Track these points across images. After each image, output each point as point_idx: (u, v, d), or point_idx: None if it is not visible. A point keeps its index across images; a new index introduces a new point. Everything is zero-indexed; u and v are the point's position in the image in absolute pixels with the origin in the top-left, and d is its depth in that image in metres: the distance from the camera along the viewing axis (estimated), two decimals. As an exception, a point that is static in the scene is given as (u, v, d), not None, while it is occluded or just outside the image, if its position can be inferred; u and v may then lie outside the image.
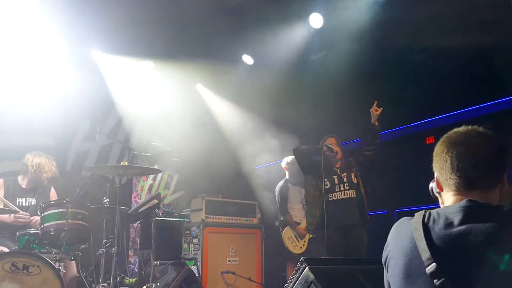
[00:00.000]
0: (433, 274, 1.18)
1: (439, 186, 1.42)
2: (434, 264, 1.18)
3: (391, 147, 5.61)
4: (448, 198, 1.37)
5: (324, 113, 5.88)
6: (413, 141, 5.95)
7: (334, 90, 5.81)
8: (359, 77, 5.69)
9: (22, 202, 4.43)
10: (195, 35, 5.98)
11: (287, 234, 5.42)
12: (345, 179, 4.52)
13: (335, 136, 4.70)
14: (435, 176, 1.43)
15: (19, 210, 4.19)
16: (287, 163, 5.76)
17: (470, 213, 1.23)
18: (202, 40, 6.05)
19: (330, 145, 4.53)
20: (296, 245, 5.41)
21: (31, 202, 4.47)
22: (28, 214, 4.23)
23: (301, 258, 2.02)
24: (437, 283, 1.17)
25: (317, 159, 4.50)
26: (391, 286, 1.37)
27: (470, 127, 1.40)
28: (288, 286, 2.04)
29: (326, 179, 4.55)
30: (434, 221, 1.27)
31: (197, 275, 5.06)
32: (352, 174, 4.54)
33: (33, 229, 3.92)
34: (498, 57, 4.90)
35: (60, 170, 4.81)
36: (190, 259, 5.36)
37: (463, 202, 1.27)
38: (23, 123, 5.91)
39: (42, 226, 3.77)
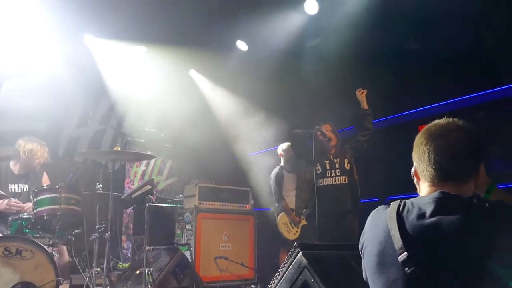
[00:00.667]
0: (405, 263, 1.22)
1: (416, 175, 1.45)
2: (405, 253, 1.22)
3: (383, 135, 5.63)
4: (423, 188, 1.41)
5: (319, 100, 5.88)
6: (406, 129, 5.98)
7: (329, 77, 5.80)
8: (354, 64, 5.69)
9: (14, 188, 4.40)
10: (188, 20, 5.92)
11: (282, 220, 5.45)
12: (337, 165, 4.55)
13: (331, 123, 4.71)
14: (414, 165, 1.46)
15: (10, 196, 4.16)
16: (283, 150, 5.76)
17: (441, 204, 1.26)
18: (196, 25, 5.99)
19: (323, 130, 4.54)
20: (290, 231, 5.44)
21: (23, 189, 4.44)
22: (20, 202, 4.21)
23: (295, 243, 2.04)
24: (408, 271, 1.21)
25: (311, 143, 4.53)
26: (366, 272, 1.40)
27: (450, 119, 1.43)
28: (282, 270, 2.06)
29: (318, 164, 4.57)
30: (408, 211, 1.30)
31: (190, 261, 5.09)
32: (346, 160, 4.56)
33: (25, 214, 3.91)
34: (492, 47, 4.92)
35: (52, 155, 4.78)
36: (183, 245, 5.38)
37: (436, 193, 1.31)
38: (15, 109, 5.86)
39: (35, 211, 3.76)
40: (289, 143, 5.71)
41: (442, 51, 5.16)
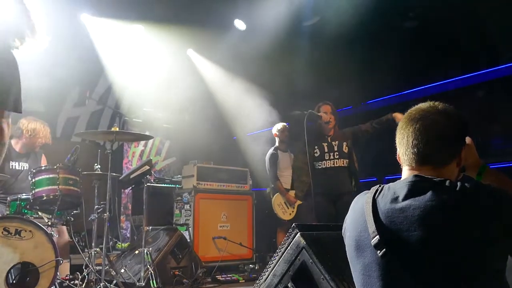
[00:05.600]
0: (376, 246, 1.25)
1: (399, 159, 1.46)
2: (377, 236, 1.25)
3: (381, 115, 5.63)
4: (403, 172, 1.42)
5: (318, 79, 5.85)
6: (404, 109, 5.95)
7: (327, 56, 5.76)
8: (352, 43, 5.64)
9: (15, 165, 4.43)
10: (186, -1, 5.85)
11: (277, 200, 5.47)
12: (335, 148, 4.52)
13: (331, 104, 4.66)
14: (397, 151, 1.47)
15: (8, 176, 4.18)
16: (278, 130, 5.76)
17: (414, 188, 1.28)
18: (194, 4, 5.91)
19: (317, 113, 4.50)
20: (285, 211, 5.47)
21: (23, 167, 4.47)
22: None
23: (293, 224, 2.04)
24: (380, 254, 1.24)
25: (309, 125, 4.50)
26: (348, 256, 1.44)
27: (432, 103, 1.43)
28: (280, 251, 2.07)
29: (316, 147, 4.55)
30: (383, 196, 1.33)
31: (188, 240, 5.13)
32: (344, 144, 4.52)
33: (24, 194, 3.92)
34: (492, 25, 4.87)
35: (51, 136, 4.78)
36: (182, 225, 5.42)
37: (410, 177, 1.32)
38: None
39: (33, 192, 3.76)
40: (284, 123, 5.70)
41: (441, 29, 5.11)
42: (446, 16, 4.98)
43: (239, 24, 6.62)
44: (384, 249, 1.23)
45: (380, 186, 1.38)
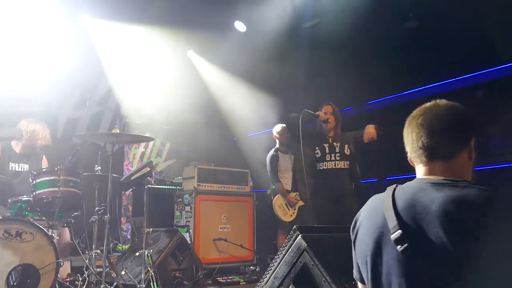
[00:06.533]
0: (398, 241, 1.24)
1: (411, 162, 1.47)
2: (399, 231, 1.24)
3: (383, 115, 5.64)
4: (418, 171, 1.42)
5: (318, 80, 5.85)
6: (406, 109, 5.95)
7: (327, 58, 5.75)
8: (352, 44, 5.64)
9: (15, 167, 4.42)
10: (186, 1, 5.85)
11: (277, 202, 5.47)
12: (337, 149, 4.51)
13: (333, 104, 4.65)
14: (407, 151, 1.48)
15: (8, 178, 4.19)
16: (277, 132, 5.76)
17: (433, 186, 1.28)
18: (194, 6, 5.91)
19: (313, 112, 4.49)
20: (286, 213, 5.46)
21: (24, 168, 4.47)
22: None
23: (294, 226, 2.04)
24: (400, 249, 1.23)
25: (309, 126, 4.49)
26: (357, 255, 1.43)
27: (435, 100, 1.45)
28: (281, 253, 2.06)
29: (316, 148, 4.54)
30: (402, 193, 1.33)
31: (189, 242, 5.12)
32: (346, 146, 4.51)
33: (25, 196, 3.92)
34: (491, 25, 4.87)
35: (51, 137, 4.78)
36: (183, 227, 5.41)
37: (425, 177, 1.35)
38: (14, 91, 5.81)
39: (34, 194, 3.76)
40: (283, 125, 5.69)
41: (441, 29, 5.11)
42: (446, 16, 4.98)
43: (240, 26, 6.62)
44: (406, 244, 1.22)
45: (396, 185, 1.38)
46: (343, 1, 5.40)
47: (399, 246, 1.23)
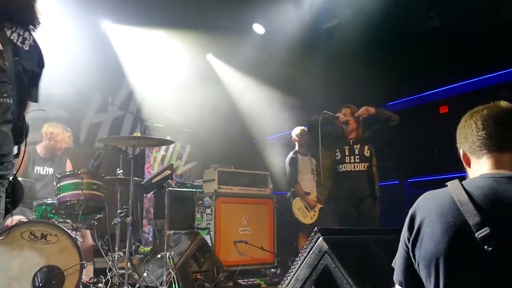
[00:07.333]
0: (485, 239, 1.14)
1: (466, 161, 1.40)
2: (487, 229, 1.14)
3: (404, 117, 5.56)
4: (480, 164, 1.34)
5: (336, 82, 5.82)
6: (427, 110, 5.88)
7: (346, 59, 5.72)
8: (371, 45, 5.60)
9: (40, 170, 4.53)
10: (205, 4, 5.89)
11: (296, 205, 5.46)
12: (356, 151, 4.49)
13: (352, 106, 4.63)
14: (461, 153, 1.41)
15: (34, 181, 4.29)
16: (296, 135, 5.77)
17: (509, 182, 1.21)
18: (213, 9, 5.96)
19: (332, 114, 4.47)
20: (306, 215, 5.44)
21: (48, 171, 4.57)
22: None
23: (315, 228, 2.03)
24: (490, 249, 1.13)
25: (329, 128, 4.48)
26: (420, 254, 1.28)
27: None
28: (302, 255, 2.06)
29: (337, 150, 4.53)
30: (473, 189, 1.23)
31: (210, 245, 5.14)
32: (366, 147, 4.49)
33: (49, 199, 4.00)
34: (511, 26, 4.77)
35: (73, 141, 4.88)
36: (203, 229, 5.43)
37: (497, 174, 1.25)
38: (38, 96, 5.93)
39: (58, 196, 3.83)
40: (303, 128, 5.70)
41: (463, 29, 5.04)
42: (467, 16, 4.90)
43: (258, 28, 6.64)
44: (497, 242, 1.12)
45: (457, 180, 1.28)
46: (361, 2, 5.37)
47: (486, 246, 1.13)
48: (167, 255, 4.08)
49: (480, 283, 1.16)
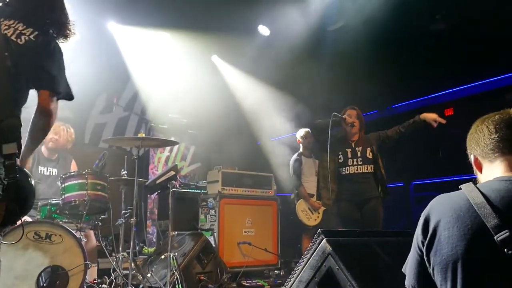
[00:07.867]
0: (505, 242, 1.12)
1: (478, 166, 1.39)
2: (507, 232, 1.12)
3: (409, 119, 5.56)
4: (493, 168, 1.33)
5: (341, 84, 5.81)
6: (432, 112, 5.86)
7: (351, 61, 5.72)
8: (376, 48, 5.59)
9: (43, 170, 4.54)
10: (210, 5, 5.90)
11: (300, 207, 5.45)
12: (359, 154, 4.48)
13: (356, 108, 4.63)
14: (472, 158, 1.41)
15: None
16: (301, 137, 5.77)
17: None
18: (218, 11, 5.97)
19: (340, 115, 4.47)
20: (310, 217, 5.44)
21: (52, 172, 4.57)
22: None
23: (319, 230, 2.03)
24: (509, 252, 1.11)
25: (335, 130, 4.48)
26: (436, 258, 1.26)
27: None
28: (305, 257, 2.06)
29: (340, 153, 4.53)
30: (489, 192, 1.22)
31: (213, 246, 5.14)
32: (368, 149, 4.48)
33: (54, 199, 4.01)
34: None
35: (78, 142, 4.88)
36: (207, 230, 5.44)
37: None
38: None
39: (63, 197, 3.84)
40: (307, 130, 5.70)
41: (469, 31, 5.02)
42: (473, 18, 4.89)
43: (263, 30, 6.64)
44: None
45: (472, 183, 1.27)
46: (366, 4, 5.36)
47: (506, 249, 1.11)
48: (171, 256, 4.08)
49: (500, 286, 1.14)
